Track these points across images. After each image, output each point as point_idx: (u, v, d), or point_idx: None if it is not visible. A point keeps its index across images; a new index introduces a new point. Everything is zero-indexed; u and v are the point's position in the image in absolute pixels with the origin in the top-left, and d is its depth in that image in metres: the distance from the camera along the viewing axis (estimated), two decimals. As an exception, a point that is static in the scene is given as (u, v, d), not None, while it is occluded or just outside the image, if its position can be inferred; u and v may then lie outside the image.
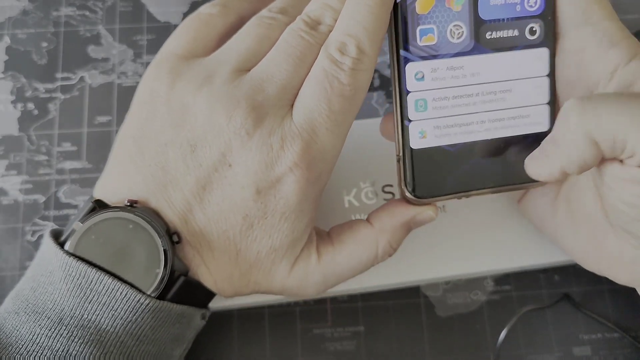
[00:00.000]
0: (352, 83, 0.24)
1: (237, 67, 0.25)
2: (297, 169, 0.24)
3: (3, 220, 0.35)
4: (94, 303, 0.23)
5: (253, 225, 0.25)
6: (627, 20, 0.39)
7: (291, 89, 0.24)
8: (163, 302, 0.24)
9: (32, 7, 0.40)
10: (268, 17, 0.26)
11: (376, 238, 0.27)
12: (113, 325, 0.23)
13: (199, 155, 0.24)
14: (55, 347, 0.23)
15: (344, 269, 0.27)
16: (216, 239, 0.25)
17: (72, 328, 0.23)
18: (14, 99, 0.38)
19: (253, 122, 0.24)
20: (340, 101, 0.24)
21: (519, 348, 0.33)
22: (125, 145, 0.26)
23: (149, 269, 0.24)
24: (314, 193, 0.25)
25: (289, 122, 0.24)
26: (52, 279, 0.23)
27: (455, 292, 0.34)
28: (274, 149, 0.24)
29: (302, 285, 0.27)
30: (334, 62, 0.24)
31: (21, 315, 0.23)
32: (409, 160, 0.25)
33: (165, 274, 0.24)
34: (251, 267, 0.26)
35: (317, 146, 0.24)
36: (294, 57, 0.24)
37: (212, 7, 0.28)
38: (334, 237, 0.28)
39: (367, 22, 0.24)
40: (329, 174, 0.26)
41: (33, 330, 0.23)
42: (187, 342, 0.27)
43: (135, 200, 0.24)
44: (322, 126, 0.24)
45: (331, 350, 0.33)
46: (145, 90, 0.26)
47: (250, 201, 0.24)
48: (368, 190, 0.34)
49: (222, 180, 0.24)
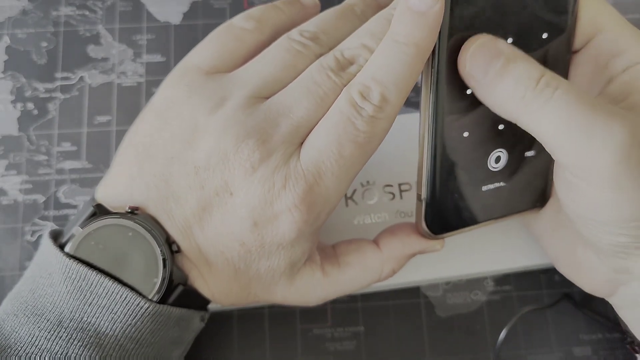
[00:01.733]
0: (369, 131, 0.23)
1: (255, 93, 0.24)
2: (296, 211, 0.23)
3: (3, 220, 0.35)
4: (93, 306, 0.23)
5: (251, 251, 0.24)
6: (628, 20, 0.39)
7: (306, 128, 0.24)
8: (163, 305, 0.24)
9: (32, 7, 0.39)
10: (298, 42, 0.25)
11: (382, 266, 0.27)
12: (112, 329, 0.23)
13: (202, 177, 0.24)
14: (54, 350, 0.22)
15: (346, 288, 0.27)
16: (214, 258, 0.25)
17: (72, 331, 0.23)
18: (13, 98, 0.38)
19: (260, 156, 0.23)
20: (352, 148, 0.23)
21: (519, 348, 0.33)
22: (133, 150, 0.25)
23: (148, 277, 0.23)
24: (312, 229, 0.25)
25: (295, 161, 0.23)
26: (52, 280, 0.23)
27: (455, 292, 0.34)
28: (275, 187, 0.23)
29: (303, 298, 0.27)
30: (353, 106, 0.23)
31: (20, 317, 0.23)
32: (432, 201, 0.25)
33: (163, 283, 0.24)
34: (250, 280, 0.26)
35: (321, 190, 0.23)
36: (316, 96, 0.23)
37: (247, 21, 0.27)
38: (340, 256, 0.27)
39: (398, 70, 0.22)
40: (330, 214, 0.25)
41: (32, 333, 0.23)
42: (186, 344, 0.27)
43: (137, 207, 0.24)
44: (328, 171, 0.23)
45: (331, 351, 0.33)
46: (161, 99, 0.25)
47: (247, 232, 0.24)
48: (368, 190, 0.34)
49: (222, 207, 0.24)
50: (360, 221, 0.33)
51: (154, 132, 0.25)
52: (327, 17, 0.26)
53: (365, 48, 0.24)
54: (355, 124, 0.23)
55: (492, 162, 0.26)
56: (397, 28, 0.22)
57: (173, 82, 0.25)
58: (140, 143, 0.25)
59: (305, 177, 0.23)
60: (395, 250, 0.27)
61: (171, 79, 0.26)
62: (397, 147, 0.33)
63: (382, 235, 0.28)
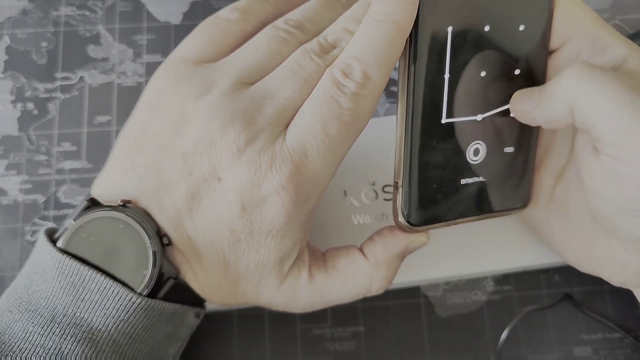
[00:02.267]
0: (352, 108, 0.23)
1: (241, 79, 0.24)
2: (284, 192, 0.23)
3: (3, 220, 0.35)
4: (86, 301, 0.23)
5: (240, 240, 0.24)
6: (627, 20, 0.39)
7: (291, 109, 0.24)
8: (155, 300, 0.24)
9: (32, 7, 0.40)
10: (284, 29, 0.25)
11: (370, 274, 0.27)
12: (105, 324, 0.23)
13: (190, 164, 0.24)
14: (48, 346, 0.23)
15: (332, 296, 0.27)
16: (204, 249, 0.25)
17: (65, 326, 0.23)
18: (13, 98, 0.38)
19: (246, 138, 0.23)
20: (337, 126, 0.23)
21: (519, 348, 0.33)
22: (125, 144, 0.26)
23: (138, 269, 0.24)
24: (302, 215, 0.25)
25: (281, 142, 0.23)
26: (46, 276, 0.23)
27: (455, 292, 0.34)
28: (262, 169, 0.23)
29: (289, 302, 0.27)
30: (335, 84, 0.23)
31: (14, 313, 0.23)
32: (409, 189, 0.25)
33: (153, 275, 0.24)
34: (239, 278, 0.26)
35: (308, 170, 0.23)
36: (301, 78, 0.24)
37: (232, 12, 0.27)
38: (328, 261, 0.27)
39: (379, 48, 0.23)
40: (320, 197, 0.25)
41: (26, 329, 0.23)
42: (181, 340, 0.27)
43: (128, 200, 0.24)
44: (314, 150, 0.23)
45: (331, 351, 0.33)
46: (151, 91, 0.26)
47: (236, 217, 0.24)
48: (368, 190, 0.34)
49: (211, 193, 0.24)
50: (360, 221, 0.33)
51: (145, 124, 0.25)
52: (313, 5, 0.27)
53: (347, 32, 0.24)
54: (339, 102, 0.23)
55: (470, 154, 0.26)
56: (376, 7, 0.23)
57: (162, 74, 0.26)
58: (132, 136, 0.25)
59: (292, 157, 0.23)
60: (380, 256, 0.27)
61: (160, 71, 0.26)
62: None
63: (364, 244, 0.28)
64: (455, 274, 0.33)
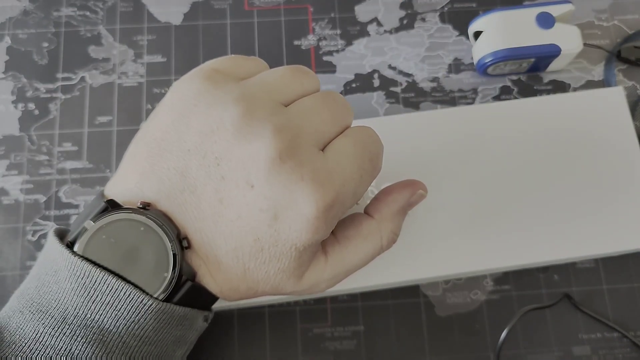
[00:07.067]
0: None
1: (276, 97, 0.25)
2: (318, 207, 0.23)
3: (4, 220, 0.35)
4: (97, 303, 0.23)
5: (263, 249, 0.24)
6: (627, 20, 0.39)
7: (329, 134, 0.25)
8: (166, 304, 0.24)
9: (33, 8, 0.40)
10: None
11: (379, 229, 0.28)
12: (116, 326, 0.23)
13: (223, 169, 0.24)
14: (58, 346, 0.23)
15: (352, 263, 0.27)
16: (224, 254, 0.25)
17: (76, 327, 0.23)
18: (14, 99, 0.38)
19: (289, 150, 0.23)
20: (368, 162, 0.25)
21: (518, 347, 0.33)
22: (144, 147, 0.25)
23: (158, 272, 0.24)
24: (328, 229, 0.25)
25: (322, 158, 0.24)
26: (57, 278, 0.24)
27: (454, 291, 0.34)
28: (303, 180, 0.23)
29: (312, 288, 0.27)
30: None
31: (25, 314, 0.23)
32: None
33: (173, 278, 0.24)
34: (258, 282, 0.26)
35: (344, 189, 0.24)
36: (334, 110, 0.25)
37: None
38: (338, 233, 0.28)
39: None
40: (343, 214, 0.26)
41: (37, 329, 0.23)
42: (189, 343, 0.27)
43: (148, 203, 0.24)
44: (352, 177, 0.24)
45: (331, 350, 0.33)
46: (175, 95, 0.25)
47: (265, 225, 0.24)
48: (368, 190, 0.34)
49: (241, 199, 0.24)
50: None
51: (168, 127, 0.25)
52: None
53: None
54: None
55: None
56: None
57: (188, 78, 0.25)
58: (152, 139, 0.25)
59: (332, 175, 0.24)
60: (385, 212, 0.28)
61: (186, 77, 0.26)
62: (398, 147, 0.33)
63: (368, 205, 0.29)
64: (454, 273, 0.33)
